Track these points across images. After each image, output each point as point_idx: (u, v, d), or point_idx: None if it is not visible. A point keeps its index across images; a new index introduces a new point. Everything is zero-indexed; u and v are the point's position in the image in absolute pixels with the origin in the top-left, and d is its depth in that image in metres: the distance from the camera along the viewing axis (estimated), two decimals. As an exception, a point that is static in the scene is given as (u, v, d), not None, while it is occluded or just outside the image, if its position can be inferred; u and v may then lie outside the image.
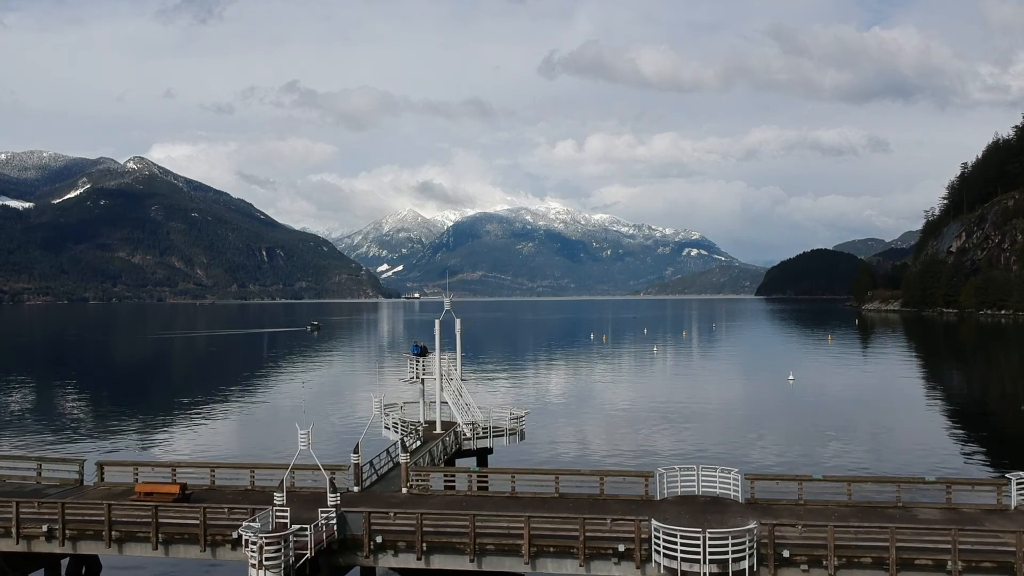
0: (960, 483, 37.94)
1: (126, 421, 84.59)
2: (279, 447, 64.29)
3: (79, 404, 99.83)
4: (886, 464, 60.01)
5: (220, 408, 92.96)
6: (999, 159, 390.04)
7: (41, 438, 73.32)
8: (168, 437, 74.87)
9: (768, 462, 60.75)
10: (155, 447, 69.55)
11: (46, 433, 76.14)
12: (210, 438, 73.57)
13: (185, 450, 67.54)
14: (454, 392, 51.31)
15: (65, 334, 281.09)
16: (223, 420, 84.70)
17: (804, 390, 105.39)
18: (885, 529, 30.15)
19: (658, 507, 36.54)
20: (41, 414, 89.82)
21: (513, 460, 57.16)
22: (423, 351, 53.04)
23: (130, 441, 72.39)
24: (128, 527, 34.59)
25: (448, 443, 48.59)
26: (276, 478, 39.42)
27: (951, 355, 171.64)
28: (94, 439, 73.20)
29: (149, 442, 72.01)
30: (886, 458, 62.49)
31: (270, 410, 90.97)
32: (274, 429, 76.57)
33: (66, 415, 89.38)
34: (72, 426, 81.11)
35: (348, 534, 32.97)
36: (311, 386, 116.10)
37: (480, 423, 50.77)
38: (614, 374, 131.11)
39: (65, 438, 73.53)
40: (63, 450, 65.25)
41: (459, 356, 53.29)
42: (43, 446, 68.47)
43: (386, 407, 53.53)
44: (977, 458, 64.07)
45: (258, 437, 73.24)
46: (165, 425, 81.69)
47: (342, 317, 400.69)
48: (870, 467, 58.82)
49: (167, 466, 43.44)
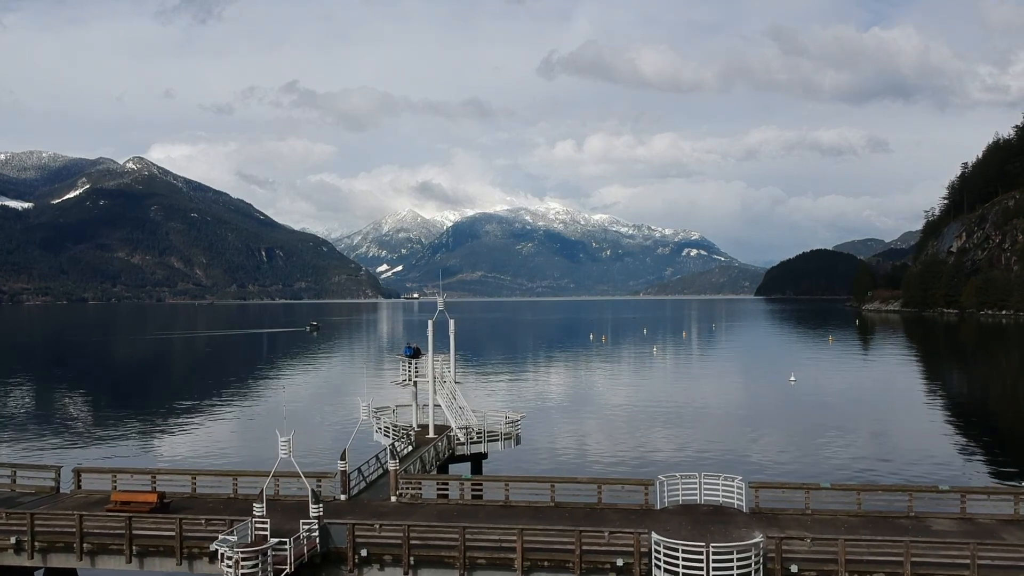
0: (975, 492, 36.26)
1: (112, 425, 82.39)
2: (268, 453, 62.26)
3: (65, 407, 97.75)
4: (893, 469, 58.29)
5: (210, 411, 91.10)
6: (999, 159, 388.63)
7: (21, 442, 71.06)
8: (153, 442, 72.69)
9: (771, 467, 59.00)
10: (139, 452, 67.32)
11: (26, 437, 73.73)
12: (197, 443, 71.48)
13: (171, 456, 65.43)
14: (447, 395, 49.59)
15: (59, 335, 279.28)
16: (212, 424, 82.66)
17: (806, 391, 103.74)
18: (899, 543, 28.45)
19: (658, 517, 34.85)
20: (24, 417, 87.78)
21: (508, 466, 55.54)
22: (416, 353, 51.33)
23: (114, 446, 70.15)
24: (101, 539, 32.91)
25: (441, 448, 46.85)
26: (260, 486, 37.80)
27: (953, 356, 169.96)
28: (77, 444, 71.00)
29: (133, 447, 69.86)
30: (893, 462, 60.73)
31: (261, 413, 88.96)
32: (263, 434, 74.67)
33: (50, 418, 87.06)
34: (54, 430, 78.75)
35: (331, 547, 31.28)
36: (306, 388, 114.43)
37: (474, 427, 48.92)
38: (613, 375, 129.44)
39: (46, 443, 71.25)
40: (43, 455, 63.19)
41: (453, 358, 51.63)
42: (23, 451, 66.44)
43: (378, 410, 51.83)
44: (986, 462, 62.30)
45: (247, 442, 71.25)
46: (152, 429, 79.46)
47: (341, 317, 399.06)
48: (877, 471, 57.14)
49: (147, 473, 41.77)
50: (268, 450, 63.10)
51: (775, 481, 40.96)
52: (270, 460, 56.59)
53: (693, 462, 58.49)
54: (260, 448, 65.73)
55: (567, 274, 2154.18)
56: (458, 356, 52.73)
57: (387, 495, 38.98)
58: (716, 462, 59.14)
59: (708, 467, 52.85)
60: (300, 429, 74.63)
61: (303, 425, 78.10)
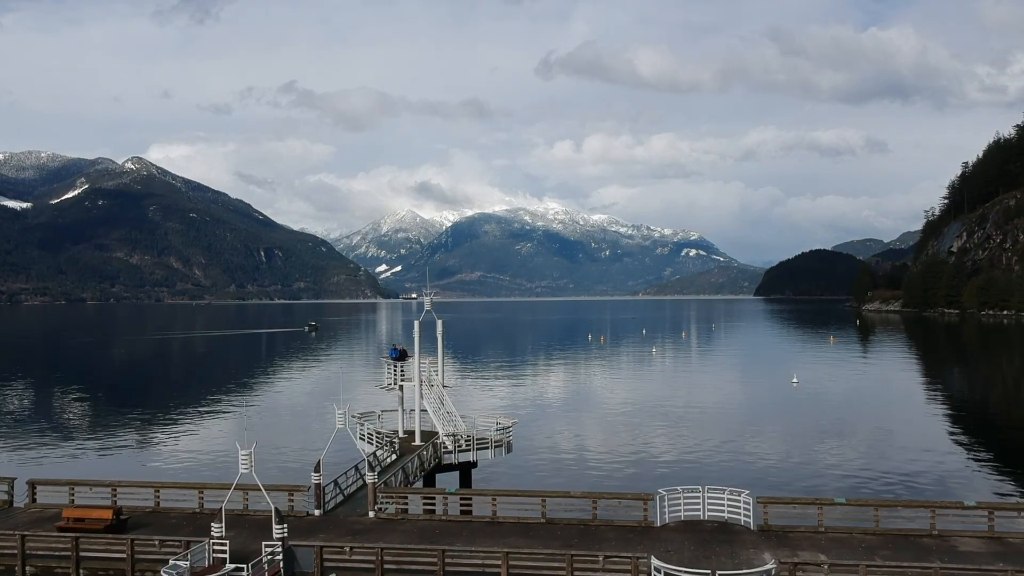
0: (1004, 508, 33.35)
1: (78, 431, 77.44)
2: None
3: (31, 411, 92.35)
4: (908, 478, 54.89)
5: (186, 417, 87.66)
6: (1000, 158, 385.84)
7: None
8: (118, 451, 67.70)
9: (777, 476, 55.80)
10: (100, 462, 62.03)
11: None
12: (165, 452, 66.45)
13: (136, 466, 60.43)
14: (435, 400, 46.47)
15: (48, 335, 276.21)
16: (185, 431, 78.35)
17: (809, 393, 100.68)
18: (928, 570, 25.56)
19: (659, 536, 31.95)
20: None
21: (499, 475, 52.41)
22: (402, 355, 48.33)
23: (77, 454, 65.47)
24: (46, 561, 30.03)
25: (426, 457, 43.86)
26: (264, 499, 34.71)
27: (959, 357, 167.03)
28: (38, 452, 66.12)
29: (94, 457, 64.84)
30: (907, 471, 57.42)
31: (238, 420, 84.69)
32: (240, 441, 71.09)
33: (10, 423, 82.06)
34: (14, 436, 73.75)
35: (297, 571, 28.39)
36: (293, 391, 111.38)
37: (463, 434, 45.79)
38: (611, 378, 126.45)
39: (1, 452, 66.38)
40: (6, 465, 59.24)
41: (441, 360, 48.54)
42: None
43: (362, 416, 48.90)
44: (1008, 473, 59.21)
45: (220, 451, 66.90)
46: (118, 437, 74.21)
47: (340, 318, 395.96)
48: (890, 480, 53.88)
49: (107, 485, 38.67)
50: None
51: (785, 497, 37.97)
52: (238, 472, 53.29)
53: (695, 472, 55.46)
54: (231, 459, 61.39)
55: (566, 274, 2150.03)
56: (454, 357, 50.05)
57: (365, 510, 36.06)
58: (719, 472, 56.03)
59: (711, 477, 49.91)
60: (280, 436, 71.52)
61: (284, 431, 75.00)
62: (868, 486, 52.36)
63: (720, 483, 37.67)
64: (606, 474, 56.51)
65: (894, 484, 52.99)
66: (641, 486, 46.79)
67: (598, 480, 53.83)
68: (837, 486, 51.91)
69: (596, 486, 49.09)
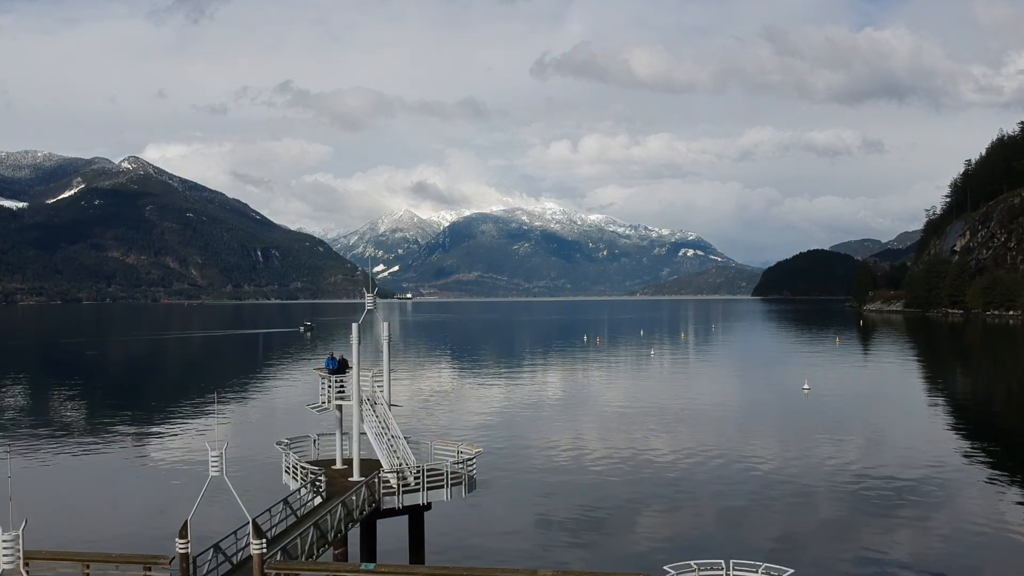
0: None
1: (35, 434, 72.40)
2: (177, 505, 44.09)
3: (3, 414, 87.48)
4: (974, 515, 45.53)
5: (162, 419, 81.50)
6: (1004, 155, 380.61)
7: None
8: (78, 455, 62.68)
9: (816, 537, 41.65)
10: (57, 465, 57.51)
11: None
12: (135, 454, 61.60)
13: (95, 471, 55.50)
14: (378, 423, 37.38)
15: (38, 336, 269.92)
16: (158, 434, 72.58)
17: (823, 402, 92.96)
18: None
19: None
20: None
21: (456, 525, 42.90)
22: (342, 365, 40.39)
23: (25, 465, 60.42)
24: None
25: (357, 503, 33.27)
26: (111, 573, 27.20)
27: (963, 357, 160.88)
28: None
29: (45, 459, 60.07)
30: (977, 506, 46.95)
31: (210, 421, 78.60)
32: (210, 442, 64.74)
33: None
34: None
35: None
36: (281, 394, 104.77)
37: (411, 468, 35.83)
38: (608, 383, 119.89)
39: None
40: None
41: (387, 373, 39.99)
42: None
43: (292, 441, 41.39)
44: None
45: (197, 451, 60.88)
46: (70, 440, 69.23)
47: (336, 318, 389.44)
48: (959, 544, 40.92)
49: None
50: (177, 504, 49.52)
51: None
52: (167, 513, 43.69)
53: (711, 529, 43.43)
54: (202, 459, 55.10)
55: (563, 274, 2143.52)
56: (441, 359, 42.49)
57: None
58: (743, 527, 43.57)
59: (733, 537, 40.30)
60: (252, 437, 64.97)
61: (256, 433, 67.70)
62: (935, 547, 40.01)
63: (746, 547, 30.26)
64: (589, 529, 43.35)
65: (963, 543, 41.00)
66: (639, 564, 36.62)
67: (579, 541, 41.31)
68: (900, 547, 39.54)
69: (580, 547, 39.57)
